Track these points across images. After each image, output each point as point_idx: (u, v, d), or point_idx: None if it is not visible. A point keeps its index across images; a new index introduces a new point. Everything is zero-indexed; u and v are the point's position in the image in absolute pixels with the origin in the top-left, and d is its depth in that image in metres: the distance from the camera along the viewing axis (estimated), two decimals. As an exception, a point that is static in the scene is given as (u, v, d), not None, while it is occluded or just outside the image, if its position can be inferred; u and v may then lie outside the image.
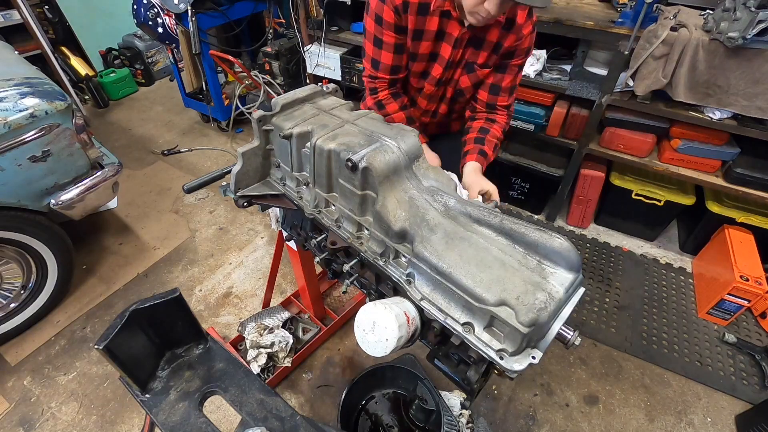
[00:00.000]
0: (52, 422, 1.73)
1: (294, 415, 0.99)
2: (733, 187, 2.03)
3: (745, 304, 1.94)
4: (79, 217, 1.98)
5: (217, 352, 1.14)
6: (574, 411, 1.77)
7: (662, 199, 2.28)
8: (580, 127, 2.26)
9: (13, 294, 1.97)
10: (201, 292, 2.26)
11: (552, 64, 2.28)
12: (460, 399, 1.59)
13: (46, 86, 1.80)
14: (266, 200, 1.17)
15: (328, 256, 1.11)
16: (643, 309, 2.16)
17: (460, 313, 0.80)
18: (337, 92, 1.23)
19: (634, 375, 1.89)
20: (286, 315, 1.95)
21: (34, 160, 1.71)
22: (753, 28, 1.56)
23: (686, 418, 1.74)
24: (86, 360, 1.94)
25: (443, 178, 0.97)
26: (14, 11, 3.18)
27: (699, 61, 1.76)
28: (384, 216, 0.88)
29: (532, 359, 0.74)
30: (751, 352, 1.94)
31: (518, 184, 2.67)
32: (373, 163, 0.86)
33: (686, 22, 1.77)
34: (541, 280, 0.75)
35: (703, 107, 1.91)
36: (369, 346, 0.81)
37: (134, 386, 1.03)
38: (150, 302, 1.03)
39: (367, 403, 1.61)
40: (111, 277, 2.33)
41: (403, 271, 0.90)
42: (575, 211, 2.59)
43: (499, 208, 0.92)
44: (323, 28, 2.73)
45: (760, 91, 1.72)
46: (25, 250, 1.88)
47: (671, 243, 2.56)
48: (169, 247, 2.51)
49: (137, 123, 3.77)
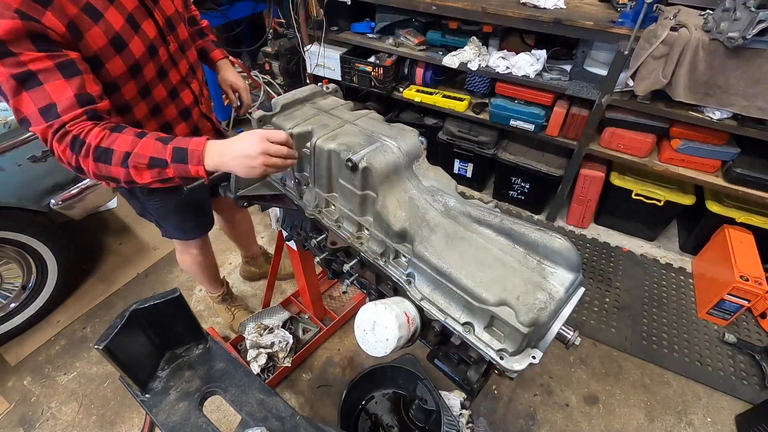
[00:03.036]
0: (52, 422, 1.73)
1: (294, 415, 0.99)
2: (733, 187, 2.03)
3: (745, 304, 1.94)
4: (79, 217, 1.98)
5: (217, 352, 1.14)
6: (574, 411, 1.77)
7: (662, 199, 2.28)
8: (580, 127, 2.26)
9: (13, 294, 1.97)
10: (201, 292, 2.26)
11: (552, 64, 2.28)
12: (460, 399, 1.59)
13: (46, 86, 1.79)
14: (266, 200, 1.18)
15: (328, 256, 1.11)
16: (643, 309, 2.16)
17: (460, 313, 0.80)
18: (337, 92, 1.23)
19: (634, 375, 1.89)
20: (286, 315, 1.95)
21: (34, 160, 1.71)
22: (753, 28, 1.56)
23: (686, 418, 1.74)
24: (86, 360, 1.94)
25: (443, 178, 0.97)
26: (14, 11, 3.18)
27: (699, 61, 1.76)
28: (384, 216, 0.88)
29: (532, 359, 0.74)
30: (751, 352, 1.94)
31: (518, 184, 2.67)
32: (373, 163, 0.86)
33: (686, 22, 1.77)
34: (542, 280, 0.75)
35: (703, 107, 1.91)
36: (369, 346, 0.81)
37: (134, 386, 1.03)
38: (150, 302, 1.03)
39: (367, 403, 1.61)
40: (111, 277, 2.33)
41: (403, 271, 0.90)
42: (575, 211, 2.59)
43: (499, 208, 0.92)
44: (323, 28, 2.73)
45: (760, 91, 1.72)
46: (25, 250, 1.88)
47: (671, 243, 2.56)
48: (169, 247, 2.50)
49: (137, 123, 3.77)
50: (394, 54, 2.61)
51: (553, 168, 2.46)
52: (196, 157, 0.89)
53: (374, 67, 2.62)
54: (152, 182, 0.92)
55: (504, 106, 2.38)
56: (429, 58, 2.50)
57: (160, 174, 0.90)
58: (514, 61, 2.25)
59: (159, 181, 0.93)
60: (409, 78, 2.75)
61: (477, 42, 2.39)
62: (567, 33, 2.02)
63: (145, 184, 0.92)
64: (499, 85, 2.39)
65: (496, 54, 2.33)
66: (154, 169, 0.90)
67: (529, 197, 2.70)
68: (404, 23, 2.62)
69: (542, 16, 2.02)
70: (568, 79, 2.22)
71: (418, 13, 2.49)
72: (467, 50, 2.37)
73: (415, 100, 2.65)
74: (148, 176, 0.90)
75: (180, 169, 0.90)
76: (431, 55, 2.49)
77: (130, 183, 0.93)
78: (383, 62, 2.61)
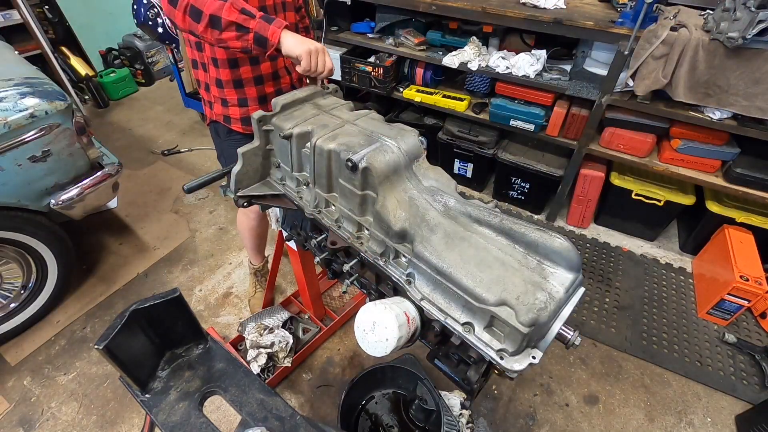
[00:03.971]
0: (52, 422, 1.73)
1: (294, 415, 0.99)
2: (733, 187, 2.03)
3: (745, 304, 1.94)
4: (80, 217, 1.98)
5: (217, 352, 1.14)
6: (574, 411, 1.77)
7: (662, 199, 2.28)
8: (580, 127, 2.26)
9: (13, 294, 1.97)
10: (201, 292, 2.26)
11: (552, 64, 2.28)
12: (460, 399, 1.59)
13: (46, 86, 1.80)
14: (266, 200, 1.17)
15: (328, 256, 1.11)
16: (643, 309, 2.16)
17: (460, 313, 0.80)
18: (337, 92, 1.23)
19: (634, 375, 1.89)
20: (286, 315, 1.95)
21: (34, 160, 1.71)
22: (753, 28, 1.56)
23: (686, 418, 1.74)
24: (86, 360, 1.94)
25: (443, 178, 0.97)
26: (14, 11, 3.18)
27: (699, 61, 1.76)
28: (384, 216, 0.88)
29: (532, 359, 0.74)
30: (751, 352, 1.94)
31: (518, 184, 2.67)
32: (373, 163, 0.86)
33: (686, 22, 1.77)
34: (542, 280, 0.75)
35: (703, 107, 1.91)
36: (369, 346, 0.81)
37: (134, 386, 1.03)
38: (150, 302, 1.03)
39: (367, 403, 1.61)
40: (111, 277, 2.33)
41: (403, 271, 0.90)
42: (575, 211, 2.59)
43: (499, 208, 0.92)
44: (323, 28, 2.73)
45: (760, 91, 1.72)
46: (25, 250, 1.88)
47: (671, 243, 2.56)
48: (169, 247, 2.51)
49: (137, 123, 3.77)
50: (394, 54, 2.61)
51: (553, 168, 2.46)
52: (279, 24, 1.09)
53: (374, 67, 2.62)
54: (233, 24, 1.07)
55: (504, 106, 2.39)
56: (429, 58, 2.50)
57: (245, 22, 1.07)
58: (514, 61, 2.25)
59: (237, 32, 1.08)
60: (409, 78, 2.75)
61: (477, 42, 2.39)
62: (567, 33, 2.02)
63: (227, 23, 1.07)
64: (499, 85, 2.39)
65: (496, 54, 2.33)
66: (242, 15, 1.07)
67: (529, 197, 2.70)
68: (404, 23, 2.62)
69: (542, 16, 2.02)
70: (568, 79, 2.22)
71: (418, 13, 2.49)
72: (467, 50, 2.37)
73: (415, 100, 2.65)
74: (234, 16, 1.06)
75: (262, 26, 1.08)
76: (431, 55, 2.49)
77: (214, 23, 1.07)
78: (383, 62, 2.61)
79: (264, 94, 1.46)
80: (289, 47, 1.10)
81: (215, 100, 1.48)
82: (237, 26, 1.07)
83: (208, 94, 1.50)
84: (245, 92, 1.43)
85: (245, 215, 1.85)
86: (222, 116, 1.50)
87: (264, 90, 1.46)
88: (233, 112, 1.48)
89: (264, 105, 1.48)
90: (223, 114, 1.49)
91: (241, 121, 1.49)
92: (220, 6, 1.06)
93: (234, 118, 1.49)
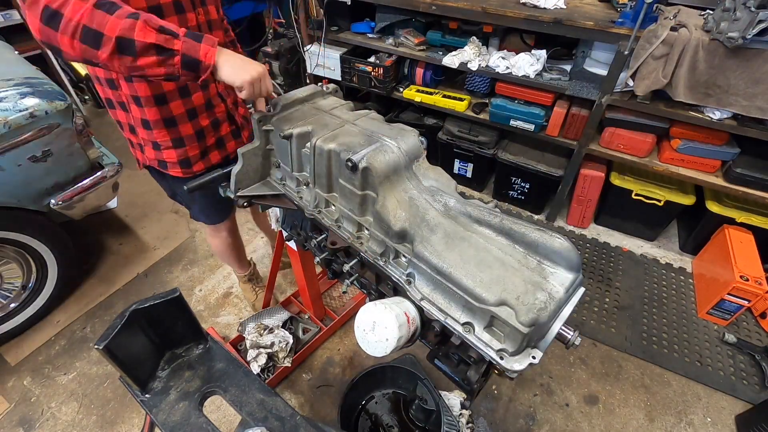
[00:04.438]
0: (52, 422, 1.73)
1: (294, 415, 0.99)
2: (733, 187, 2.03)
3: (745, 304, 1.94)
4: (79, 217, 1.98)
5: (217, 352, 1.14)
6: (574, 411, 1.77)
7: (662, 199, 2.28)
8: (580, 127, 2.26)
9: (13, 294, 1.97)
10: (201, 292, 2.26)
11: (552, 64, 2.28)
12: (460, 399, 1.59)
13: (46, 86, 1.80)
14: (266, 200, 1.18)
15: (328, 256, 1.11)
16: (643, 309, 2.16)
17: (460, 313, 0.80)
18: (337, 92, 1.23)
19: (634, 375, 1.89)
20: (286, 315, 1.95)
21: (34, 160, 1.71)
22: (753, 28, 1.56)
23: (686, 418, 1.74)
24: (86, 360, 1.94)
25: (443, 178, 0.97)
26: (14, 11, 3.18)
27: (699, 61, 1.76)
28: (384, 216, 0.88)
29: (532, 359, 0.74)
30: (751, 352, 1.94)
31: (518, 184, 2.67)
32: (373, 163, 0.86)
33: (686, 22, 1.77)
34: (541, 280, 0.75)
35: (703, 107, 1.91)
36: (369, 346, 0.81)
37: (134, 386, 1.03)
38: (150, 302, 1.03)
39: (367, 403, 1.61)
40: (111, 277, 2.33)
41: (403, 271, 0.90)
42: (575, 211, 2.59)
43: (499, 208, 0.92)
44: (323, 28, 2.73)
45: (760, 91, 1.72)
46: (25, 250, 1.88)
47: (671, 243, 2.56)
48: (169, 247, 2.51)
49: (137, 123, 3.77)
50: (394, 54, 2.61)
51: (553, 168, 2.46)
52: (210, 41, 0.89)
53: (374, 67, 2.62)
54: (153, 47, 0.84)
55: (504, 106, 2.39)
56: (429, 58, 2.50)
57: (167, 42, 0.84)
58: (514, 61, 2.25)
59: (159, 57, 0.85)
60: (409, 78, 2.75)
61: (477, 42, 2.39)
62: (567, 33, 2.02)
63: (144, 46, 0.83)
64: (499, 85, 2.39)
65: (496, 54, 2.33)
66: (162, 34, 0.84)
67: (529, 197, 2.70)
68: (404, 23, 2.62)
69: (542, 16, 2.02)
70: (568, 79, 2.22)
71: (418, 13, 2.50)
72: (467, 50, 2.37)
73: (415, 100, 2.65)
74: (152, 36, 0.83)
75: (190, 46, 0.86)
76: (431, 55, 2.49)
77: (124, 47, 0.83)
78: (383, 62, 2.61)
79: (200, 128, 1.28)
80: (227, 76, 0.91)
81: (145, 143, 1.28)
82: (158, 49, 0.84)
83: (135, 137, 1.29)
84: (179, 131, 1.24)
85: (217, 237, 1.74)
86: (156, 161, 1.31)
87: (200, 124, 1.27)
88: (168, 156, 1.28)
89: (202, 141, 1.30)
90: (157, 159, 1.30)
91: (180, 164, 1.30)
92: (129, 26, 0.81)
93: (170, 162, 1.30)
